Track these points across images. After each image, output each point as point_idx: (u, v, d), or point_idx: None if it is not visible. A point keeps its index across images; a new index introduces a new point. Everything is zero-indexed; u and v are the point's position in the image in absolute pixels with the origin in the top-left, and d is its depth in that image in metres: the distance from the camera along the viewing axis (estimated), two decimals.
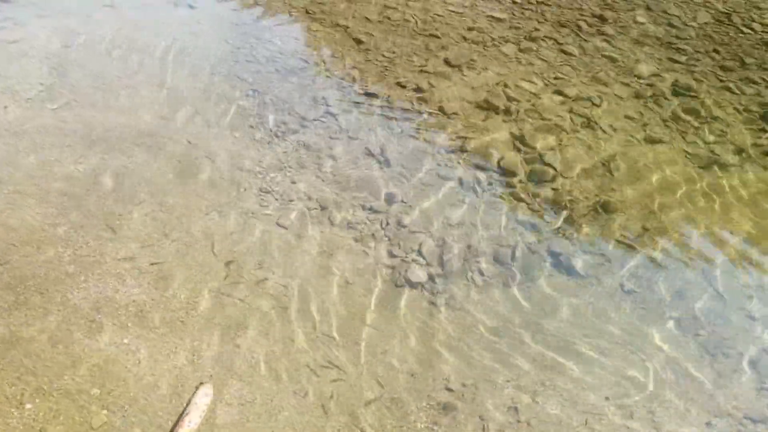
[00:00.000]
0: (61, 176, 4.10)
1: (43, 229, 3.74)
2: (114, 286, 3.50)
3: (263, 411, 3.08)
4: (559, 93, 5.57)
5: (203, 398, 3.01)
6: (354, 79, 5.50)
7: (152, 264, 3.67)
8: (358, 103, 5.27)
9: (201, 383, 3.11)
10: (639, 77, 5.89)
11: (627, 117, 5.38)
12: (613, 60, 6.09)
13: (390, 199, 4.45)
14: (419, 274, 3.99)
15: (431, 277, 3.97)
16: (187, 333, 3.35)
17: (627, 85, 5.77)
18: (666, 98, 5.63)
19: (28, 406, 2.90)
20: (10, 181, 4.00)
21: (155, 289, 3.53)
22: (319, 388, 3.24)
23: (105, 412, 2.95)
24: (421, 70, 5.66)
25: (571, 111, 5.37)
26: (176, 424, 2.90)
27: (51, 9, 5.89)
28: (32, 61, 5.12)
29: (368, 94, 5.35)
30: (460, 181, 4.65)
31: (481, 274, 4.03)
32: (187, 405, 2.98)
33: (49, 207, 3.88)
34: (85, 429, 2.86)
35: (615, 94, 5.62)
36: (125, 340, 3.25)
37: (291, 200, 4.33)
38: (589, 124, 5.27)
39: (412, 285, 3.91)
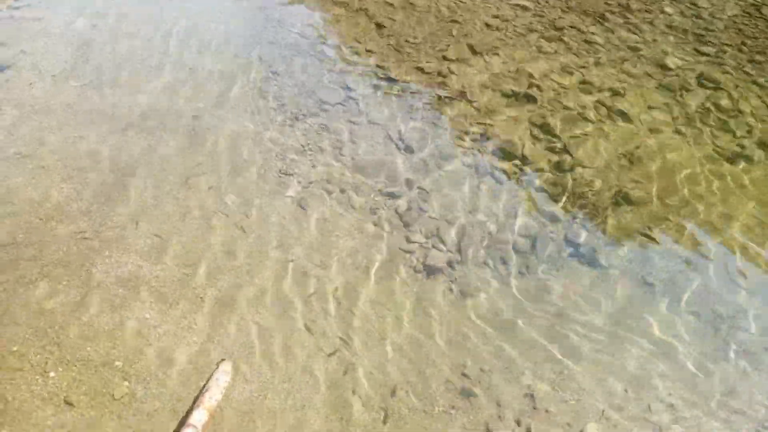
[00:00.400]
0: (84, 153, 4.14)
1: (67, 204, 3.78)
2: (136, 262, 3.53)
3: (282, 389, 3.10)
4: (583, 82, 5.50)
5: (223, 375, 3.03)
6: (375, 64, 5.48)
7: (174, 242, 3.70)
8: (378, 87, 5.25)
9: (222, 360, 3.13)
10: (665, 69, 5.79)
11: (652, 108, 5.30)
12: (638, 51, 6.00)
13: (409, 184, 4.44)
14: (438, 260, 3.97)
15: (450, 264, 3.96)
16: (207, 310, 3.38)
17: (652, 76, 5.69)
18: (692, 90, 5.53)
19: (52, 374, 2.95)
20: (36, 156, 4.04)
21: (176, 267, 3.56)
22: (336, 369, 3.25)
23: (126, 383, 2.99)
24: (444, 56, 5.61)
25: (595, 101, 5.30)
26: (197, 399, 2.93)
27: None
28: (57, 40, 5.16)
29: (389, 79, 5.32)
30: (481, 168, 4.62)
31: (501, 262, 4.01)
32: (208, 381, 3.01)
33: (73, 183, 3.92)
34: (108, 399, 2.91)
35: (640, 85, 5.54)
36: (147, 315, 3.28)
37: (311, 183, 4.34)
38: (613, 114, 5.20)
39: (431, 271, 3.90)
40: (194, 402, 2.92)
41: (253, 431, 2.91)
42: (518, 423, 3.15)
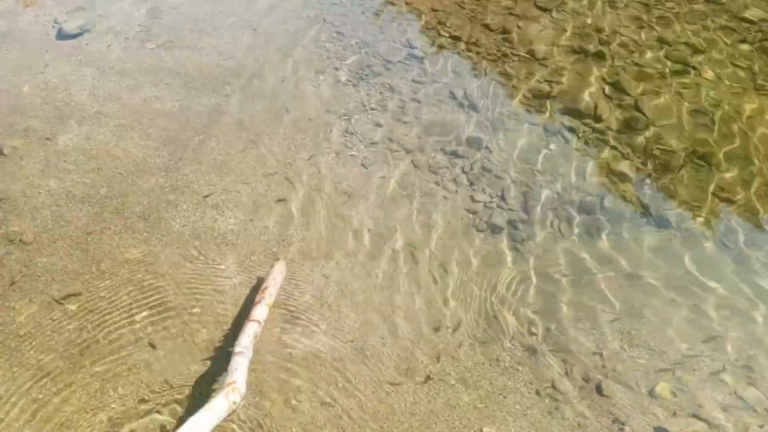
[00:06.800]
0: (160, 112, 4.30)
1: (146, 160, 3.95)
2: (212, 215, 3.68)
3: (353, 337, 3.20)
4: (658, 38, 5.24)
5: (279, 275, 3.26)
6: (439, 22, 5.39)
7: (245, 198, 3.82)
8: (442, 46, 5.17)
9: (276, 260, 3.40)
10: (746, 21, 5.44)
11: (732, 64, 5.02)
12: (718, 3, 5.65)
13: (473, 143, 4.40)
14: (502, 219, 3.95)
15: (514, 224, 3.92)
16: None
17: (734, 30, 5.36)
18: None
19: (137, 318, 3.14)
20: (116, 115, 4.23)
21: (250, 221, 3.69)
22: (399, 319, 3.32)
23: (205, 330, 3.15)
24: (509, 13, 5.46)
25: (669, 57, 5.06)
26: (255, 296, 3.13)
27: None
28: (130, 3, 5.32)
29: (453, 37, 5.23)
30: (547, 127, 4.52)
31: (567, 222, 3.95)
32: (265, 280, 3.22)
33: (150, 140, 4.09)
34: (189, 344, 3.08)
35: (720, 40, 5.24)
36: (222, 266, 3.43)
37: (374, 142, 4.36)
38: (690, 71, 4.95)
39: (495, 230, 3.89)
40: (255, 299, 3.09)
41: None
42: (586, 380, 3.14)
